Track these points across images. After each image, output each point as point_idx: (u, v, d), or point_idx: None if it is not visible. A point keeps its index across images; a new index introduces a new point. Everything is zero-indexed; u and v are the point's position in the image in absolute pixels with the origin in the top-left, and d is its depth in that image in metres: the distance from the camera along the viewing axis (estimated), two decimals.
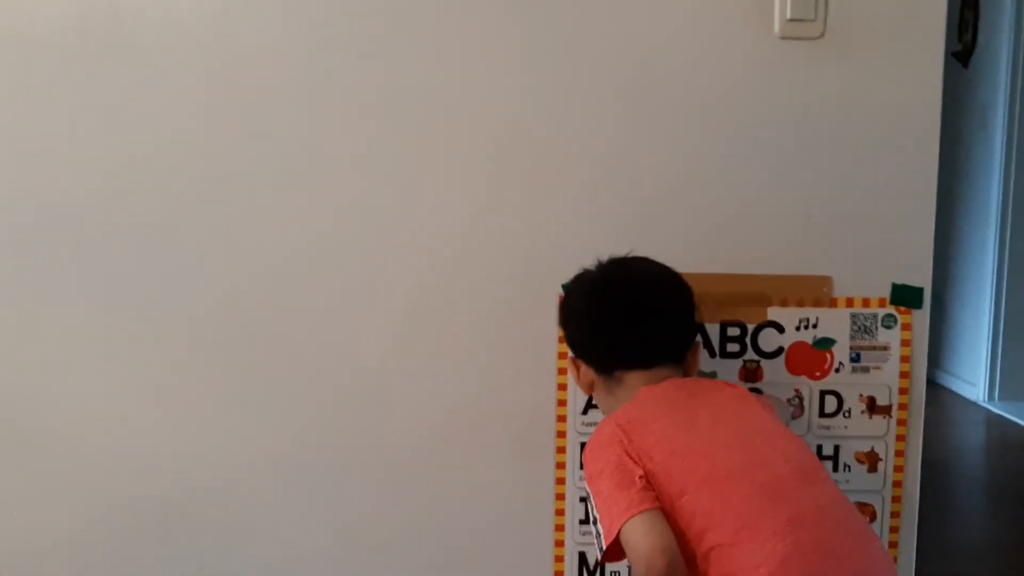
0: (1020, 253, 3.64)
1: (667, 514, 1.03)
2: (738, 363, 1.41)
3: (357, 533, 1.46)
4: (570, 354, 1.28)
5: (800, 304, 1.40)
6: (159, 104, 1.39)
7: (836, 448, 1.42)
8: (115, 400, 1.44)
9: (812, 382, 1.42)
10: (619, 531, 1.03)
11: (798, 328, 1.41)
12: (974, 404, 3.76)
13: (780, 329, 1.41)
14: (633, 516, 1.02)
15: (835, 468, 1.42)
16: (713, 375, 1.41)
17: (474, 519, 1.45)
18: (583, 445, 1.41)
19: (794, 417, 1.42)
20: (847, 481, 1.43)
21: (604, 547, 1.05)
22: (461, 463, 1.44)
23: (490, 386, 1.42)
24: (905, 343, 1.41)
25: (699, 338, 1.32)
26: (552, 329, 1.38)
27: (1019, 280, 3.67)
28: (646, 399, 1.16)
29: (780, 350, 1.41)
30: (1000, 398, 3.71)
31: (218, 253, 1.42)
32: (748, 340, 1.41)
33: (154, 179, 1.40)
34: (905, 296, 1.40)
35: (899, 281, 1.41)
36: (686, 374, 1.25)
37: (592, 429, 1.34)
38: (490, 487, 1.45)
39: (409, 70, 1.38)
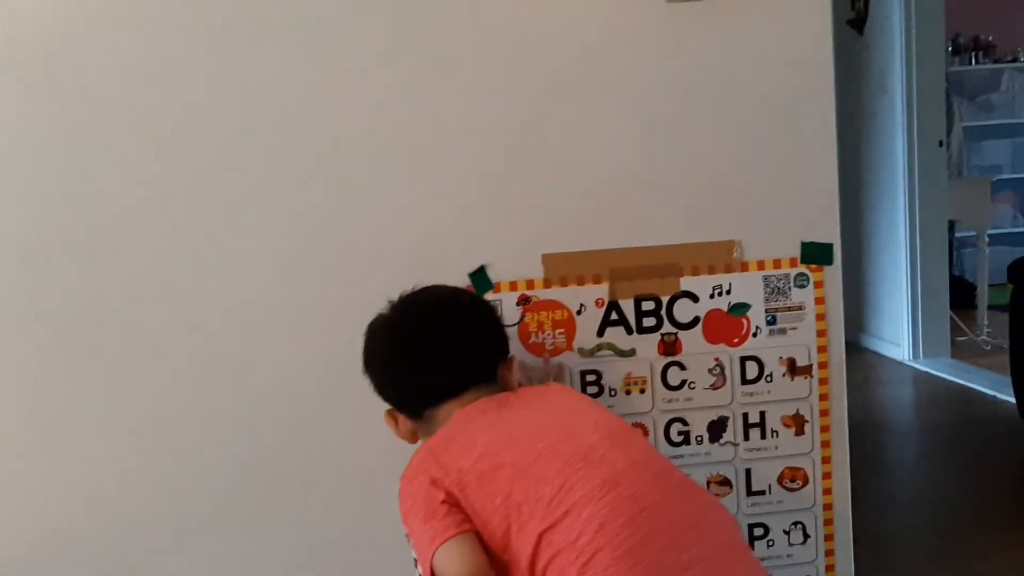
0: (929, 212, 3.73)
1: (496, 517, 0.99)
2: (656, 337, 1.38)
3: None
4: (386, 407, 1.21)
5: (712, 271, 1.38)
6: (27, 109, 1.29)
7: (762, 414, 1.40)
8: None
9: (731, 349, 1.39)
10: (431, 565, 0.99)
11: (712, 296, 1.38)
12: (900, 364, 3.84)
13: (694, 298, 1.38)
14: (439, 546, 0.99)
15: (762, 435, 1.40)
16: (632, 352, 1.38)
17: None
18: None
19: (716, 387, 1.39)
20: (776, 447, 1.41)
21: None
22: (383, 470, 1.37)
23: None
24: (819, 301, 1.39)
25: (513, 354, 1.24)
26: None
27: (931, 239, 3.76)
28: (457, 418, 1.11)
29: (696, 320, 1.38)
30: (924, 355, 3.79)
31: (106, 268, 1.32)
32: (664, 313, 1.38)
33: (24, 190, 1.31)
34: (815, 253, 1.39)
35: (808, 239, 1.39)
36: (504, 391, 1.18)
37: None
38: None
39: (282, 67, 1.31)
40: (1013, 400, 2.92)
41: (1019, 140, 5.26)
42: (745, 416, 1.40)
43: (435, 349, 1.15)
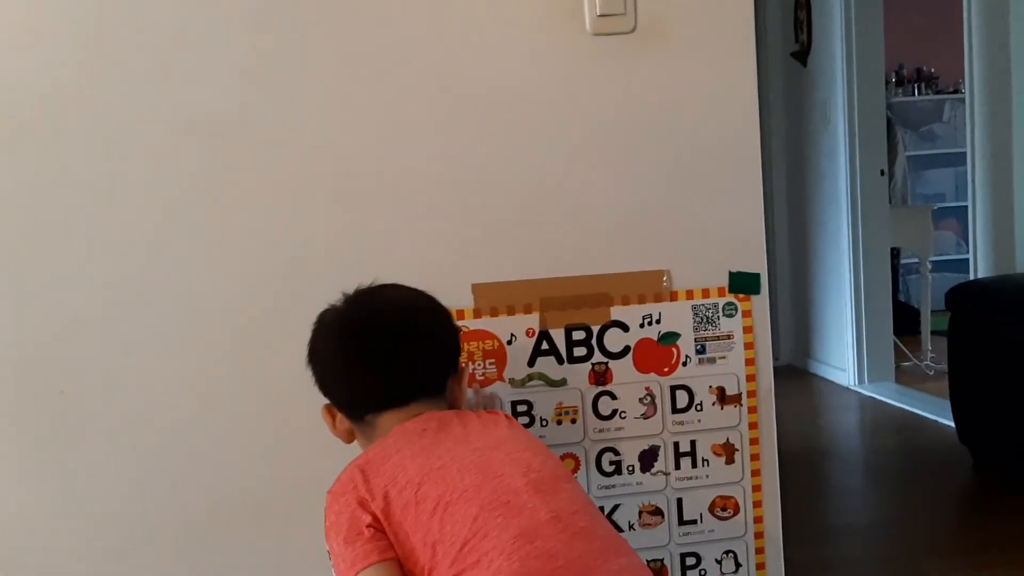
0: (872, 239, 3.79)
1: (417, 550, 0.97)
2: (587, 367, 1.38)
3: None
4: (324, 402, 1.16)
5: (642, 301, 1.38)
6: None
7: (692, 443, 1.41)
8: None
9: (662, 378, 1.40)
10: None
11: (642, 325, 1.39)
12: (845, 389, 3.89)
13: (625, 328, 1.38)
14: (359, 572, 0.97)
15: (693, 464, 1.41)
16: (563, 382, 1.38)
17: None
18: None
19: (647, 417, 1.39)
20: (707, 476, 1.41)
21: None
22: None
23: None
24: (747, 330, 1.41)
25: (465, 365, 1.22)
26: None
27: (874, 265, 3.82)
28: (394, 436, 1.07)
29: (627, 349, 1.39)
30: (869, 380, 3.84)
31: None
32: (594, 342, 1.38)
33: None
34: (743, 283, 1.40)
35: (735, 269, 1.40)
36: (452, 406, 1.15)
37: None
38: None
39: (199, 92, 1.30)
40: (953, 425, 2.97)
41: (961, 169, 5.39)
42: (676, 445, 1.40)
43: (386, 353, 1.10)
